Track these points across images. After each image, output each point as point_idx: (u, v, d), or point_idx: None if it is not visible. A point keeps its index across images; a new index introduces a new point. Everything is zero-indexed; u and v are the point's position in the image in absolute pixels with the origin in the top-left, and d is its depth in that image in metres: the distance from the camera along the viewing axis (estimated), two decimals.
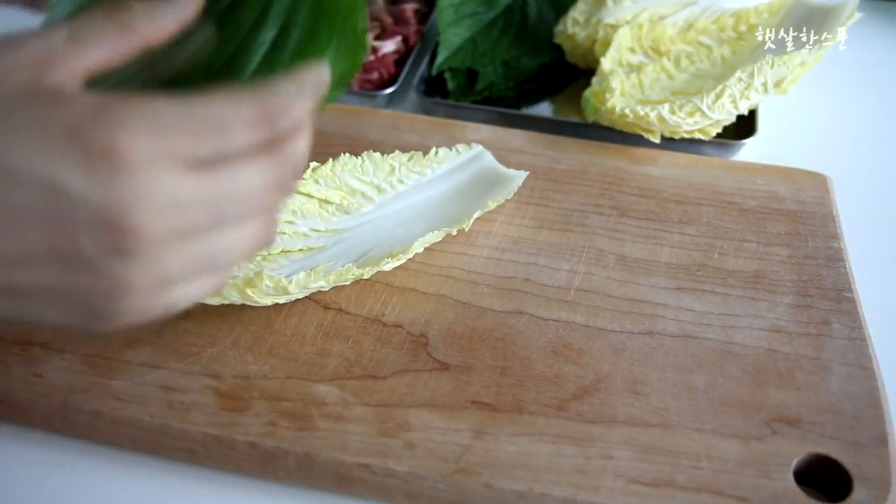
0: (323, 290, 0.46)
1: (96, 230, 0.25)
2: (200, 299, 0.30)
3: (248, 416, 0.40)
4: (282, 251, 0.47)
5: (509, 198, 0.53)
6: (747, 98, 0.57)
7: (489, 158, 0.54)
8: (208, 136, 0.27)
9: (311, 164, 0.49)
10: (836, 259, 0.50)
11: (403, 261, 0.48)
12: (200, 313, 0.45)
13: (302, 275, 0.43)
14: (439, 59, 0.67)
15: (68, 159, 0.24)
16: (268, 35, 0.36)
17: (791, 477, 0.38)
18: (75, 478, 0.41)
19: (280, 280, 0.42)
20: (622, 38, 0.64)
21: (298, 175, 0.30)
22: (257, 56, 0.36)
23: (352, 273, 0.45)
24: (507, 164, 0.55)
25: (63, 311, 0.27)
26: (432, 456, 0.39)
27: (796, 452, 0.39)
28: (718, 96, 0.56)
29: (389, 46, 0.70)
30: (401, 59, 0.71)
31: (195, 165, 0.26)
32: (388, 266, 0.47)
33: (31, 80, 0.27)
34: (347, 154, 0.50)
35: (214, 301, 0.43)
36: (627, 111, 0.57)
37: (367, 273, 0.46)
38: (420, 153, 0.53)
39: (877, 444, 0.39)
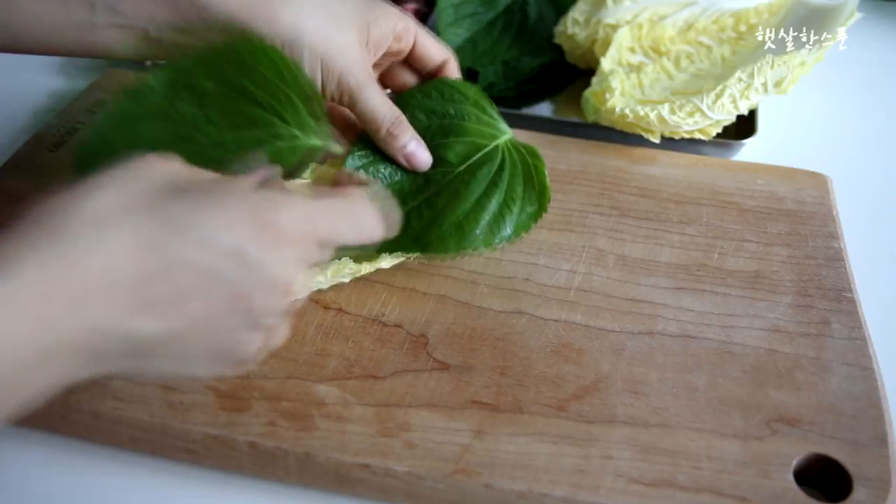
0: (322, 289, 0.46)
1: (266, 291, 0.30)
2: None
3: (248, 416, 0.40)
4: None
5: None
6: (747, 98, 0.57)
7: None
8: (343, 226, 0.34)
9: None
10: (836, 259, 0.50)
11: (402, 259, 0.47)
12: None
13: None
14: None
15: (248, 233, 0.30)
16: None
17: (791, 477, 0.38)
18: (75, 478, 0.41)
19: None
20: (622, 38, 0.64)
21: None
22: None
23: (348, 268, 0.45)
24: None
25: (207, 365, 0.32)
26: (432, 456, 0.39)
27: (796, 452, 0.39)
28: (718, 96, 0.56)
29: None
30: None
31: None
32: (386, 263, 0.47)
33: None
34: None
35: None
36: (627, 111, 0.57)
37: (365, 269, 0.46)
38: None
39: (877, 444, 0.39)
